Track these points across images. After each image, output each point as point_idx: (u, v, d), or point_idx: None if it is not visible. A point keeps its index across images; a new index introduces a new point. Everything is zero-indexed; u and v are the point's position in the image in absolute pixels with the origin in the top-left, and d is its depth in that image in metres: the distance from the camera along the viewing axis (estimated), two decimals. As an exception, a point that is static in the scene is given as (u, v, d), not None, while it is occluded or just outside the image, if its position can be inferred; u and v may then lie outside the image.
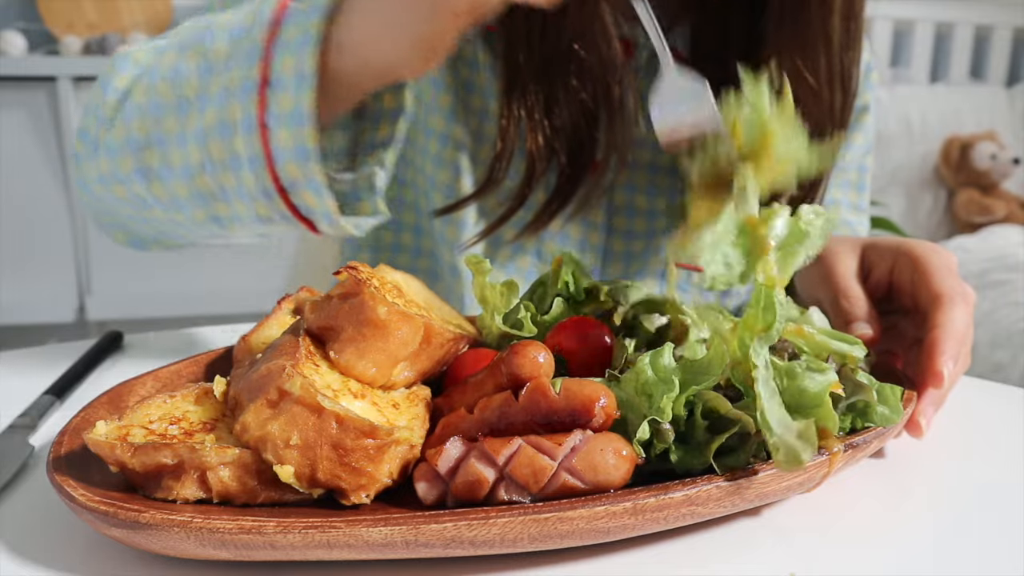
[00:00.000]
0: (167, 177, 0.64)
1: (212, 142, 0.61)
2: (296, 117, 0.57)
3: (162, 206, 0.67)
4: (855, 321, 0.62)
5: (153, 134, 0.65)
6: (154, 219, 0.70)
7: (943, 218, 2.87)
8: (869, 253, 0.67)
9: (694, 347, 0.52)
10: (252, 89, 0.58)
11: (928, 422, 0.56)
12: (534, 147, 0.80)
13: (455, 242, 0.87)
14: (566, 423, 0.44)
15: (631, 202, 0.91)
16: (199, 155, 0.62)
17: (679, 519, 0.44)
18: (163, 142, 0.64)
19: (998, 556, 0.46)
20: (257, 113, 0.58)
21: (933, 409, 0.57)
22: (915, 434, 0.56)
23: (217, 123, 0.60)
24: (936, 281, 0.60)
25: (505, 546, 0.41)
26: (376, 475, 0.43)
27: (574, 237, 0.90)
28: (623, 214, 0.91)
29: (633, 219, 0.91)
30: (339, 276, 0.49)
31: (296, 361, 0.45)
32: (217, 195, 0.63)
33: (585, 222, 0.90)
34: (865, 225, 1.06)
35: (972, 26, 3.10)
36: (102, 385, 0.56)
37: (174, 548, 0.41)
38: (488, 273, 0.61)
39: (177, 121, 0.63)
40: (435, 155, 0.86)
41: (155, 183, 0.65)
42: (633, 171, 0.90)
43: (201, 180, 0.63)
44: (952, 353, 0.57)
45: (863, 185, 1.04)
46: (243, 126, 0.59)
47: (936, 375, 0.56)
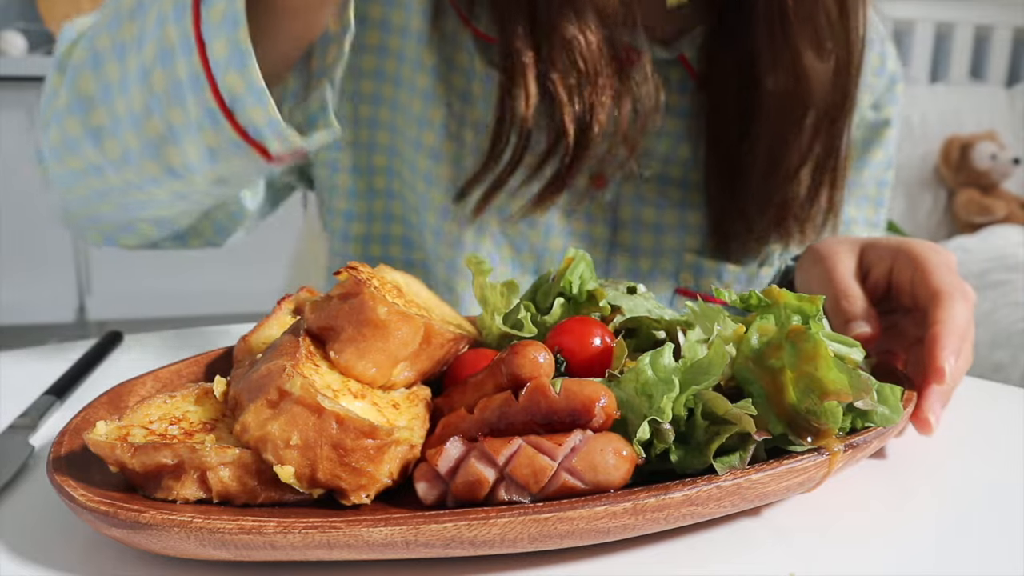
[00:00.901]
0: (116, 130, 0.65)
1: (154, 76, 0.61)
2: (230, 21, 0.57)
3: (115, 167, 0.67)
4: (854, 320, 0.62)
5: (96, 89, 0.65)
6: (113, 191, 0.70)
7: (943, 218, 2.87)
8: (868, 253, 0.67)
9: (694, 347, 0.52)
10: (185, 7, 0.59)
11: (937, 419, 0.56)
12: (526, 117, 0.77)
13: (452, 239, 0.86)
14: (566, 423, 0.44)
15: (638, 215, 0.88)
16: (142, 96, 0.62)
17: (679, 519, 0.44)
18: (107, 93, 0.65)
19: (999, 556, 0.46)
20: (193, 30, 0.59)
21: (941, 406, 0.57)
22: (924, 431, 0.56)
23: (157, 53, 0.61)
24: (935, 279, 0.60)
25: (505, 546, 0.41)
26: (376, 475, 0.43)
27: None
28: (629, 228, 0.89)
29: (639, 234, 0.89)
30: (339, 276, 0.49)
31: (296, 361, 0.45)
32: (167, 137, 0.63)
33: (587, 237, 0.88)
34: None
35: (972, 26, 3.10)
36: (102, 385, 0.56)
37: (174, 548, 0.41)
38: (488, 273, 0.61)
39: (118, 67, 0.64)
40: (425, 173, 0.85)
41: (106, 141, 0.66)
42: (641, 182, 0.88)
43: (149, 124, 0.63)
44: (953, 348, 0.57)
45: (881, 200, 1.01)
46: (181, 48, 0.59)
47: (938, 370, 0.56)
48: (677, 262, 0.89)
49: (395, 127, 0.87)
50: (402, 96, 0.85)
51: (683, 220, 0.89)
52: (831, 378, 0.46)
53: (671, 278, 0.90)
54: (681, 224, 0.89)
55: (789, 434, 0.47)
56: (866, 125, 0.96)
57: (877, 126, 0.96)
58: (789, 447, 0.47)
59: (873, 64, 0.93)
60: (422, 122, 0.85)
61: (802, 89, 0.78)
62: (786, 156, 0.81)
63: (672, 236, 0.89)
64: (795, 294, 0.53)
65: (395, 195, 0.91)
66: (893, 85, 0.97)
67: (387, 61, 0.85)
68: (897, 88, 0.97)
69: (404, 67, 0.84)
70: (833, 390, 0.46)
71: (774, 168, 0.81)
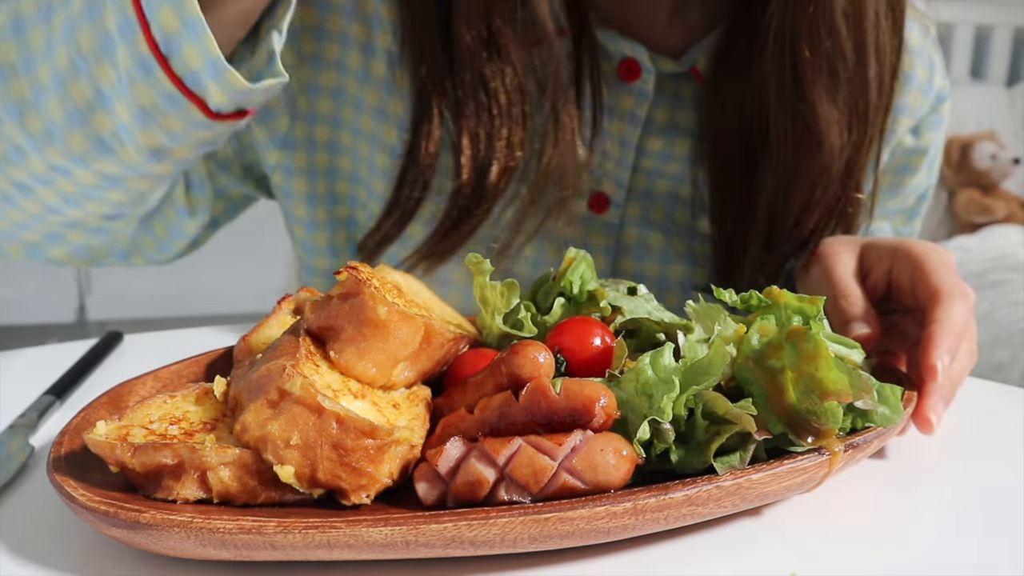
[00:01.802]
0: (39, 101, 0.61)
1: (81, 32, 0.58)
2: None
3: (38, 145, 0.63)
4: (853, 320, 0.62)
5: (18, 57, 0.61)
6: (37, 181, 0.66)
7: (943, 218, 2.87)
8: (867, 253, 0.67)
9: (694, 347, 0.52)
10: None
11: (939, 418, 0.56)
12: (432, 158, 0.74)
13: None
14: (566, 423, 0.44)
15: (644, 241, 0.82)
16: (68, 54, 0.59)
17: (679, 519, 0.44)
18: (30, 62, 0.61)
19: (999, 556, 0.46)
20: None
21: (943, 405, 0.56)
22: (926, 430, 0.56)
23: (84, 6, 0.57)
24: (934, 278, 0.60)
25: (505, 546, 0.41)
26: (376, 475, 0.43)
27: None
28: (632, 255, 0.83)
29: (643, 261, 0.83)
30: (339, 276, 0.49)
31: (296, 361, 0.45)
32: (94, 103, 0.60)
33: None
34: None
35: (972, 26, 3.10)
36: (102, 385, 0.56)
37: (174, 548, 0.41)
38: (488, 273, 0.61)
39: (43, 31, 0.60)
40: (380, 194, 0.81)
41: (28, 115, 0.62)
42: (648, 203, 0.82)
43: (76, 88, 0.59)
44: (948, 347, 0.56)
45: (917, 213, 0.93)
46: None
47: (930, 368, 0.56)
48: (683, 299, 0.81)
49: (351, 145, 0.82)
50: (354, 114, 0.81)
51: (691, 249, 0.82)
52: (831, 378, 0.46)
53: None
54: (689, 254, 0.82)
55: (789, 434, 0.47)
56: (902, 151, 0.87)
57: (915, 153, 0.87)
58: (789, 447, 0.47)
59: (920, 79, 0.85)
60: (374, 141, 0.80)
61: (812, 139, 0.72)
62: (793, 204, 0.75)
63: (679, 267, 0.82)
64: (795, 295, 0.53)
65: (360, 225, 0.84)
66: (939, 105, 0.87)
67: (343, 71, 0.80)
68: (942, 109, 0.87)
69: (355, 81, 0.79)
70: (833, 390, 0.46)
71: (781, 213, 0.76)
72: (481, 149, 0.73)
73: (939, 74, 0.87)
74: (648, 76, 0.78)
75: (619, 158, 0.80)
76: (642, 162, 0.82)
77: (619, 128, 0.80)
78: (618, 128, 0.80)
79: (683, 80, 0.81)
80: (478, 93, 0.72)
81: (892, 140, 0.85)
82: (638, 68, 0.78)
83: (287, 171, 0.83)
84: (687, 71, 0.80)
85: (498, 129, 0.72)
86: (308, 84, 0.79)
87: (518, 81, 0.72)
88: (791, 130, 0.72)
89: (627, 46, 0.78)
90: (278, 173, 0.83)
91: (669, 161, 0.82)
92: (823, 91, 0.70)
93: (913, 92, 0.85)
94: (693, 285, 0.83)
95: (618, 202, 0.82)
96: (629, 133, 0.80)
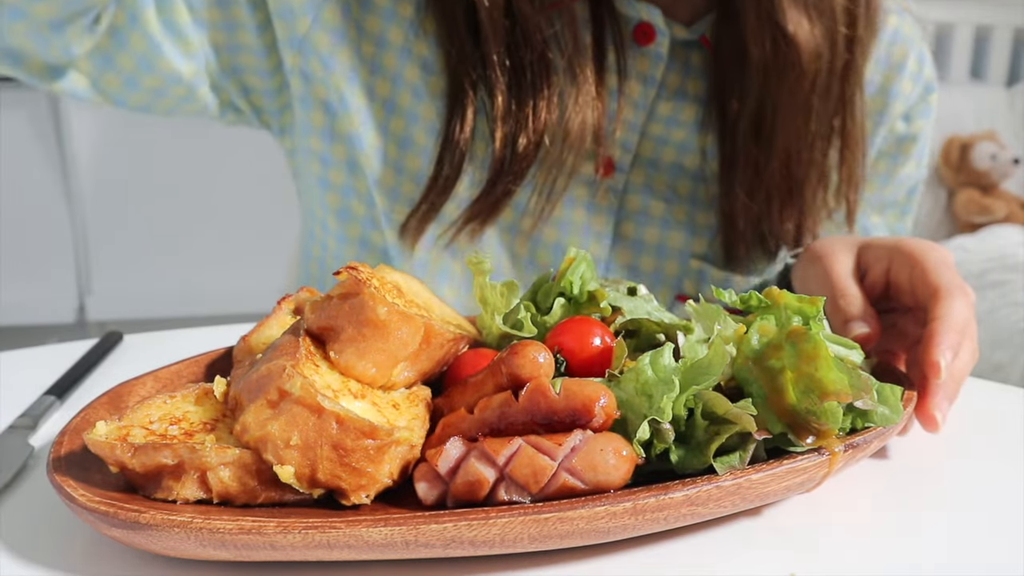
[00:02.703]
0: None
1: None
2: None
3: None
4: (852, 320, 0.62)
5: None
6: None
7: (943, 218, 2.87)
8: (865, 252, 0.67)
9: (694, 347, 0.52)
10: None
11: (944, 416, 0.56)
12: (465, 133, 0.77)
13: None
14: (566, 423, 0.44)
15: (646, 207, 0.85)
16: None
17: (679, 519, 0.44)
18: None
19: (998, 556, 0.46)
20: None
21: (948, 403, 0.56)
22: (931, 428, 0.56)
23: None
24: (934, 276, 0.60)
25: (505, 546, 0.41)
26: (376, 475, 0.43)
27: (574, 245, 0.83)
28: (633, 220, 0.85)
29: (644, 228, 0.85)
30: (339, 276, 0.49)
31: (296, 361, 0.45)
32: None
33: (587, 229, 0.85)
34: None
35: (972, 26, 3.09)
36: (102, 385, 0.57)
37: (174, 548, 0.41)
38: (488, 273, 0.61)
39: None
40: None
41: None
42: (652, 172, 0.85)
43: None
44: (950, 343, 0.56)
45: (908, 209, 0.97)
46: None
47: (933, 365, 0.55)
48: (682, 267, 0.86)
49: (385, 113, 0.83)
50: (391, 87, 0.82)
51: (692, 219, 0.85)
52: (831, 378, 0.46)
53: (673, 285, 0.87)
54: (689, 222, 0.85)
55: (789, 434, 0.47)
56: (894, 138, 0.91)
57: (906, 140, 0.91)
58: (789, 447, 0.47)
59: (911, 68, 0.89)
60: (413, 118, 0.82)
61: (788, 56, 0.75)
62: (786, 133, 0.78)
63: (679, 235, 0.85)
64: (795, 295, 0.53)
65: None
66: (928, 95, 0.91)
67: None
68: (931, 99, 0.91)
69: (395, 56, 0.81)
70: (833, 390, 0.46)
71: (779, 152, 0.79)
72: (511, 120, 0.76)
73: (928, 67, 0.91)
74: (663, 39, 0.81)
75: (630, 121, 0.83)
76: (650, 127, 0.84)
77: (634, 89, 0.82)
78: (633, 89, 0.82)
79: (693, 49, 0.83)
80: (504, 67, 0.75)
81: (885, 123, 0.88)
82: (653, 32, 0.81)
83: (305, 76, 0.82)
84: (697, 39, 0.83)
85: (525, 100, 0.76)
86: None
87: (541, 51, 0.75)
88: (769, 49, 0.75)
89: (643, 9, 0.80)
90: (297, 79, 0.83)
91: (676, 127, 0.84)
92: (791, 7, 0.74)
93: (905, 80, 0.88)
94: (692, 253, 0.85)
95: (623, 167, 0.84)
96: (643, 94, 0.83)
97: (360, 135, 0.82)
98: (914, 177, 0.95)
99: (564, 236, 0.85)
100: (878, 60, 0.87)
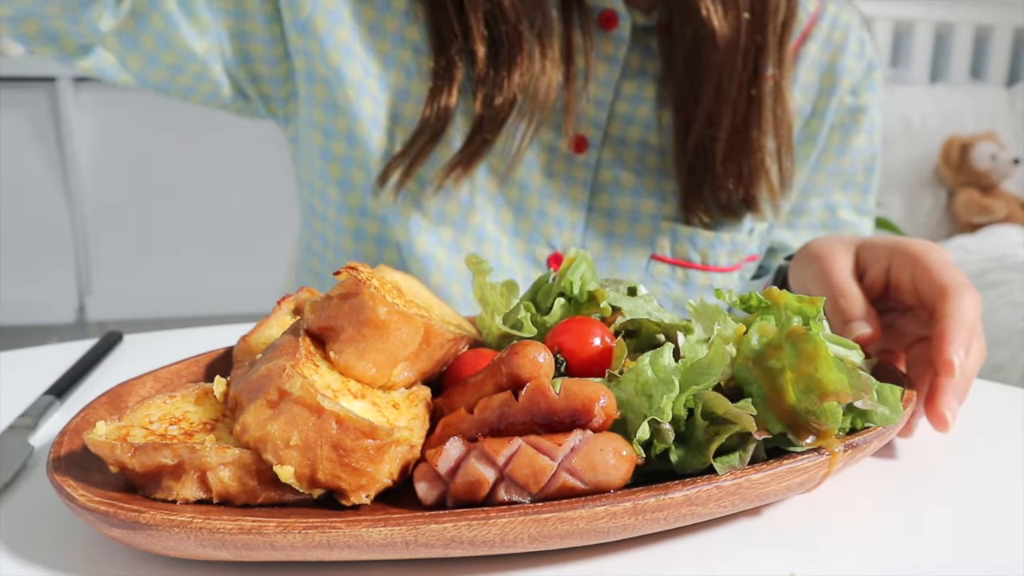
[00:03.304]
0: None
1: None
2: None
3: None
4: (854, 320, 0.62)
5: None
6: None
7: (943, 218, 2.87)
8: (864, 253, 0.67)
9: (694, 347, 0.52)
10: None
11: (954, 415, 0.56)
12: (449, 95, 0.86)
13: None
14: (566, 423, 0.44)
15: (617, 179, 0.93)
16: None
17: (679, 519, 0.44)
18: None
19: (998, 556, 0.46)
20: None
21: (957, 402, 0.56)
22: (941, 428, 0.56)
23: None
24: (939, 274, 0.60)
25: (505, 546, 0.41)
26: (376, 475, 0.43)
27: (552, 214, 0.92)
28: (607, 191, 0.94)
29: (617, 197, 0.94)
30: (339, 276, 0.49)
31: (296, 361, 0.45)
32: None
33: (565, 198, 0.92)
34: (869, 227, 1.06)
35: (972, 26, 3.09)
36: (102, 385, 0.57)
37: (174, 548, 0.41)
38: (488, 273, 0.61)
39: None
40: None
41: None
42: (621, 148, 0.93)
43: None
44: (962, 341, 0.56)
45: (869, 187, 1.05)
46: None
47: (947, 363, 0.56)
48: (653, 228, 0.94)
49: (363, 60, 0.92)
50: (370, 35, 0.91)
51: (660, 187, 0.94)
52: (831, 378, 0.46)
53: (647, 245, 0.94)
54: (658, 191, 0.94)
55: (789, 434, 0.47)
56: (844, 110, 1.00)
57: (855, 111, 1.00)
58: (789, 447, 0.47)
59: (852, 49, 0.99)
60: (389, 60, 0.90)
61: (707, 40, 0.85)
62: (714, 103, 0.88)
63: (649, 201, 0.94)
64: (795, 295, 0.53)
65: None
66: (871, 71, 1.01)
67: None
68: (875, 75, 1.01)
69: (373, 9, 0.90)
70: (833, 390, 0.46)
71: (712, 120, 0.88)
72: (490, 83, 0.86)
73: (868, 47, 1.01)
74: (624, 23, 0.90)
75: (599, 98, 0.92)
76: (617, 107, 0.93)
77: (601, 69, 0.91)
78: (600, 69, 0.91)
79: (652, 34, 0.93)
80: (484, 38, 0.85)
81: (836, 95, 0.98)
82: (615, 17, 0.90)
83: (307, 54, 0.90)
84: (654, 25, 0.92)
85: (501, 66, 0.86)
86: None
87: (514, 25, 0.85)
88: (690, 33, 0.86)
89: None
90: (300, 58, 0.90)
91: (640, 104, 0.93)
92: None
93: (849, 58, 0.99)
94: (662, 216, 0.94)
95: (595, 143, 0.93)
96: (609, 73, 0.92)
97: (358, 107, 0.89)
98: (867, 151, 1.03)
99: (545, 204, 0.92)
100: (823, 43, 0.98)
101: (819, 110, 0.98)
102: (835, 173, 1.02)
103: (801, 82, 0.97)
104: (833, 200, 1.03)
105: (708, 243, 0.94)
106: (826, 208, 1.03)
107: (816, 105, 0.98)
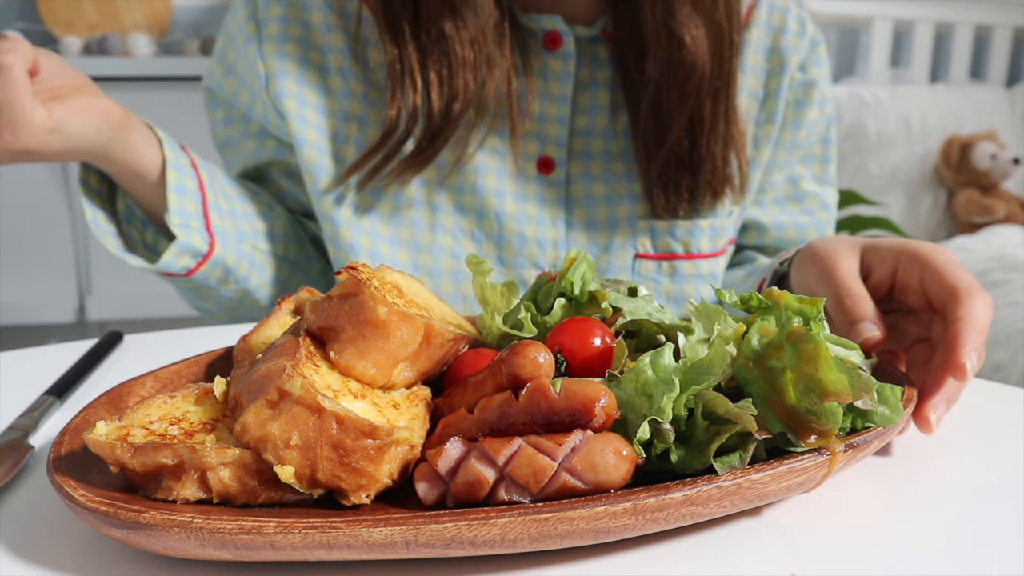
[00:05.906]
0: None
1: None
2: None
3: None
4: (861, 321, 0.61)
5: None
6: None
7: (943, 218, 2.87)
8: (869, 254, 0.67)
9: (694, 347, 0.52)
10: None
11: (939, 419, 0.56)
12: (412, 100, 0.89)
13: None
14: (566, 423, 0.44)
15: (588, 191, 0.96)
16: None
17: (679, 519, 0.44)
18: None
19: (998, 556, 0.46)
20: None
21: (945, 406, 0.56)
22: (924, 430, 0.56)
23: None
24: (949, 276, 0.60)
25: (505, 546, 0.41)
26: (376, 475, 0.43)
27: (532, 237, 0.94)
28: (581, 205, 0.96)
29: (591, 208, 0.96)
30: (339, 276, 0.49)
31: (296, 361, 0.45)
32: None
33: (543, 219, 0.94)
34: (832, 196, 1.09)
35: (972, 26, 3.10)
36: (102, 385, 0.57)
37: (174, 548, 0.41)
38: (489, 273, 0.61)
39: None
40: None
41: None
42: (587, 161, 0.96)
43: None
44: (975, 345, 0.56)
45: (828, 158, 1.08)
46: None
47: (959, 367, 0.55)
48: (632, 229, 0.96)
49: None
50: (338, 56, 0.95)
51: (631, 190, 0.96)
52: (832, 379, 0.46)
53: (630, 246, 0.96)
54: (630, 194, 0.96)
55: (789, 434, 0.47)
56: (796, 86, 1.03)
57: (805, 86, 1.03)
58: (789, 447, 0.47)
59: (793, 29, 1.02)
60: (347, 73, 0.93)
61: (682, 57, 0.88)
62: (679, 111, 0.91)
63: (623, 205, 0.96)
64: (796, 296, 0.53)
65: None
66: (815, 47, 1.04)
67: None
68: (820, 50, 1.04)
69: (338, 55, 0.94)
70: (833, 391, 0.46)
71: (672, 124, 0.91)
72: (445, 89, 0.89)
73: (810, 25, 1.05)
74: (568, 39, 0.93)
75: (558, 116, 0.95)
76: (576, 121, 0.95)
77: (554, 87, 0.94)
78: (553, 88, 0.94)
79: (598, 43, 0.95)
80: (441, 47, 0.89)
81: (787, 73, 1.01)
82: (559, 36, 0.93)
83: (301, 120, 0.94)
84: (599, 34, 0.95)
85: (455, 72, 0.89)
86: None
87: (469, 37, 0.89)
88: (664, 51, 0.89)
89: (546, 20, 0.93)
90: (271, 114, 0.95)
91: (596, 113, 0.96)
92: (686, 20, 0.88)
93: (791, 37, 1.02)
94: (638, 216, 0.96)
95: (562, 161, 0.95)
96: (563, 89, 0.94)
97: (317, 144, 0.94)
98: (821, 123, 1.05)
99: (523, 228, 0.94)
100: (764, 27, 1.01)
101: (772, 91, 1.01)
102: (793, 147, 1.04)
103: (749, 67, 1.00)
104: (795, 173, 1.06)
105: (688, 232, 0.96)
106: (789, 181, 1.06)
107: (768, 87, 1.01)
